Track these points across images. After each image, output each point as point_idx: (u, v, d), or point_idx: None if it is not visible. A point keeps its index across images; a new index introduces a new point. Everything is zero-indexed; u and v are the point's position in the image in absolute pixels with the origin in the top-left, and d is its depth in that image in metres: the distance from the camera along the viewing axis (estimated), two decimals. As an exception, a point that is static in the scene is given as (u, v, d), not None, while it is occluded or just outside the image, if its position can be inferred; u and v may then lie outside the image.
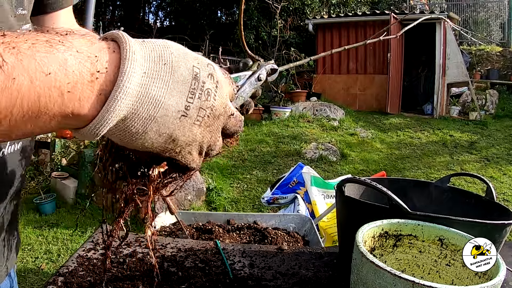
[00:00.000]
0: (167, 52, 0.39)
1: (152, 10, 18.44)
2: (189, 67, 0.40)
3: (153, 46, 0.39)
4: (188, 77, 0.39)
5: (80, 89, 0.34)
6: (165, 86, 0.38)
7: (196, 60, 0.41)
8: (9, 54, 0.31)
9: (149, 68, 0.37)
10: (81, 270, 0.91)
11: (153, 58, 0.38)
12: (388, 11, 9.17)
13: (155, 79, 0.37)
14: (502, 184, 5.19)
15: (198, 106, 0.40)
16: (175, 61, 0.39)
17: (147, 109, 0.37)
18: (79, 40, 0.36)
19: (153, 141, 0.39)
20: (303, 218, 1.54)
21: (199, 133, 0.41)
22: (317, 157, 5.90)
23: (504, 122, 8.12)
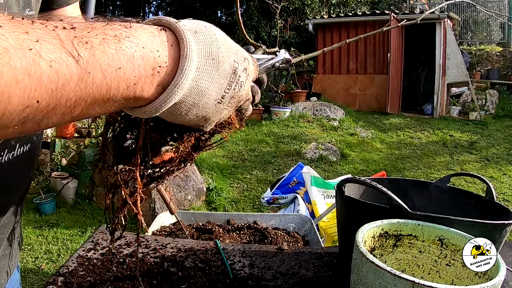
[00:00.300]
0: (215, 47, 0.44)
1: (152, 10, 18.44)
2: (231, 62, 0.45)
3: (204, 39, 0.43)
4: (229, 71, 0.45)
5: (143, 81, 0.39)
6: (211, 79, 0.44)
7: (236, 55, 0.46)
8: (83, 48, 0.34)
9: (201, 64, 0.42)
10: (81, 270, 0.91)
11: (204, 53, 0.43)
12: (388, 11, 9.17)
13: (204, 73, 0.43)
14: (502, 184, 5.19)
15: (231, 95, 0.46)
16: (221, 56, 0.44)
17: (193, 98, 0.43)
18: (142, 34, 0.39)
19: (190, 119, 0.46)
20: (303, 218, 1.54)
21: (225, 113, 0.48)
22: (317, 157, 5.90)
23: (504, 122, 8.12)
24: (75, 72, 0.33)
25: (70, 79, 0.33)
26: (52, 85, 0.32)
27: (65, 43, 0.33)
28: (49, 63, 0.31)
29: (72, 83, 0.33)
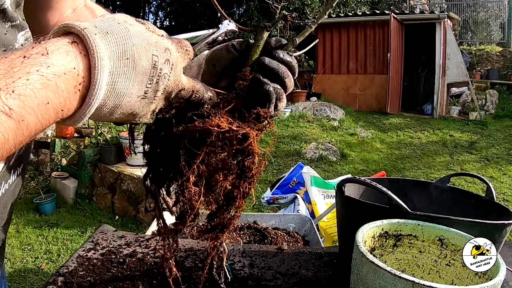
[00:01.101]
0: (129, 45, 0.43)
1: (152, 10, 18.44)
2: (149, 57, 0.44)
3: (116, 39, 0.42)
4: (148, 67, 0.44)
5: (68, 102, 0.40)
6: (128, 80, 0.43)
7: (155, 47, 0.45)
8: (12, 99, 0.34)
9: (115, 67, 0.42)
10: (81, 270, 0.91)
11: (118, 54, 0.42)
12: (388, 11, 9.17)
13: (119, 76, 0.42)
14: (502, 184, 5.19)
15: (155, 89, 0.46)
16: (137, 53, 0.43)
17: (114, 101, 0.43)
18: (59, 57, 0.39)
19: (117, 118, 0.46)
20: (303, 218, 1.54)
21: (153, 106, 0.48)
22: (317, 157, 5.90)
23: (504, 122, 8.12)
24: (11, 126, 0.34)
25: (8, 136, 0.34)
26: None
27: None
28: None
29: (10, 137, 0.35)
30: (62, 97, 0.39)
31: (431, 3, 12.64)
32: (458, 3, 12.33)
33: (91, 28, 0.41)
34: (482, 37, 12.05)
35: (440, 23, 8.76)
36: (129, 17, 0.47)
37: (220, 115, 0.51)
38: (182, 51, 0.50)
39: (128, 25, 0.44)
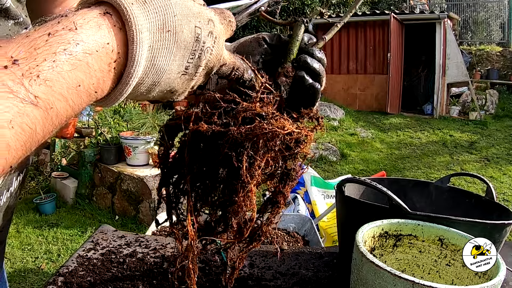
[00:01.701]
0: (169, 15, 0.39)
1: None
2: (191, 29, 0.41)
3: (155, 9, 0.38)
4: (190, 40, 0.41)
5: (102, 83, 0.36)
6: (169, 54, 0.40)
7: (198, 18, 0.41)
8: (37, 86, 0.31)
9: (155, 40, 0.38)
10: (81, 270, 0.91)
11: (158, 26, 0.38)
12: (388, 11, 9.17)
13: (160, 50, 0.39)
14: (502, 184, 5.19)
15: (197, 64, 0.43)
16: (178, 24, 0.40)
17: (152, 78, 0.40)
18: (89, 31, 0.35)
19: (154, 95, 0.43)
20: (303, 218, 1.54)
21: (194, 82, 0.45)
22: (317, 157, 5.90)
23: (504, 122, 8.12)
24: (38, 117, 0.31)
25: (35, 127, 0.31)
26: (20, 142, 0.30)
27: (15, 91, 0.29)
28: (9, 124, 0.29)
29: (38, 128, 0.31)
30: (95, 77, 0.35)
31: (431, 3, 12.63)
32: (458, 3, 12.33)
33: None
34: (482, 37, 12.04)
35: (440, 23, 8.76)
36: None
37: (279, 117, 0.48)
38: (225, 22, 0.46)
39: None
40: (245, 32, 12.00)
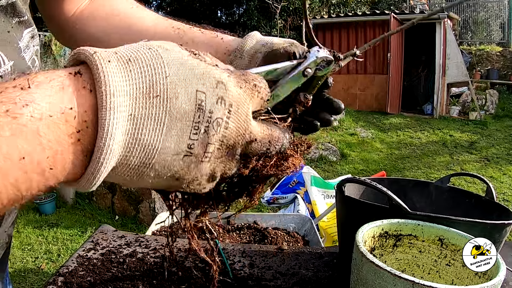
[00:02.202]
0: (159, 76, 0.30)
1: (152, 10, 18.45)
2: (191, 94, 0.31)
3: (141, 69, 0.30)
4: (189, 109, 0.31)
5: (61, 157, 0.28)
6: (159, 126, 0.30)
7: (201, 80, 0.32)
8: None
9: (137, 107, 0.29)
10: (81, 270, 0.91)
11: (142, 89, 0.30)
12: (388, 11, 9.17)
13: (145, 120, 0.30)
14: (502, 184, 5.19)
15: (205, 142, 0.33)
16: (171, 88, 0.31)
17: (139, 157, 0.31)
18: (46, 90, 0.27)
19: (153, 182, 0.33)
20: (303, 218, 1.54)
21: (207, 168, 0.35)
22: (317, 157, 5.90)
23: (504, 122, 8.12)
24: None
25: None
26: None
27: None
28: None
29: None
30: (50, 150, 0.27)
31: (431, 3, 12.63)
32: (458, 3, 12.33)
33: (105, 54, 0.30)
34: (482, 37, 12.05)
35: (440, 23, 8.76)
36: (170, 43, 0.34)
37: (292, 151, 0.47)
38: (247, 86, 0.35)
39: (162, 50, 0.32)
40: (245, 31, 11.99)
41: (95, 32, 0.65)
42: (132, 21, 0.64)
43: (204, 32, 0.60)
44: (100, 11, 0.66)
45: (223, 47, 0.57)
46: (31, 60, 0.58)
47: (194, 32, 0.60)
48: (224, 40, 0.58)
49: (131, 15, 0.64)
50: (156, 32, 0.62)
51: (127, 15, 0.64)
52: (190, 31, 0.61)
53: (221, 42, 0.58)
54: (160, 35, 0.61)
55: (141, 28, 0.63)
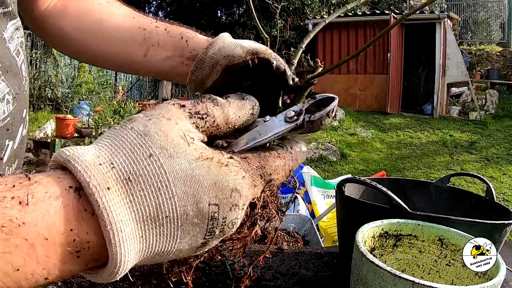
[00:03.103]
0: (165, 197, 0.29)
1: (152, 10, 18.45)
2: (202, 209, 0.31)
3: (144, 191, 0.29)
4: (201, 220, 0.31)
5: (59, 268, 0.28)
6: (172, 239, 0.31)
7: (213, 192, 0.31)
8: None
9: (146, 230, 0.29)
10: (81, 270, 0.90)
11: (148, 213, 0.29)
12: (388, 11, 9.17)
13: (156, 237, 0.30)
14: (502, 184, 5.19)
15: (218, 237, 0.34)
16: (180, 207, 0.30)
17: (153, 260, 0.32)
18: (42, 210, 0.27)
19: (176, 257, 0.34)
20: (303, 218, 1.54)
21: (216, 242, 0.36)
22: (317, 157, 5.90)
23: (504, 122, 8.12)
24: None
25: None
26: None
27: None
28: None
29: None
30: (45, 263, 0.27)
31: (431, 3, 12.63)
32: (458, 3, 12.33)
33: (101, 178, 0.28)
34: (482, 37, 12.05)
35: (440, 23, 8.77)
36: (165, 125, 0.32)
37: None
38: (262, 182, 0.35)
39: (164, 158, 0.30)
40: (245, 31, 12.01)
41: (66, 27, 0.64)
42: (103, 16, 0.62)
43: (171, 33, 0.58)
44: (72, 6, 0.65)
45: (187, 51, 0.56)
46: (16, 51, 0.57)
47: (159, 34, 0.59)
48: (189, 44, 0.56)
49: (102, 11, 0.63)
50: (124, 31, 0.60)
51: (98, 11, 0.63)
52: (156, 32, 0.59)
53: (185, 46, 0.56)
54: (126, 34, 0.60)
55: (111, 25, 0.61)
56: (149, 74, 0.63)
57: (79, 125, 5.40)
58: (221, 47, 0.53)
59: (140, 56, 0.59)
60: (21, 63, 0.58)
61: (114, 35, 0.61)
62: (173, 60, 0.57)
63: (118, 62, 0.63)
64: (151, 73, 0.62)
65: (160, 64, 0.59)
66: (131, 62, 0.61)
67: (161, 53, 0.58)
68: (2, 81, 0.52)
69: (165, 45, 0.58)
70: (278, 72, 0.52)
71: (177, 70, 0.57)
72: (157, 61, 0.58)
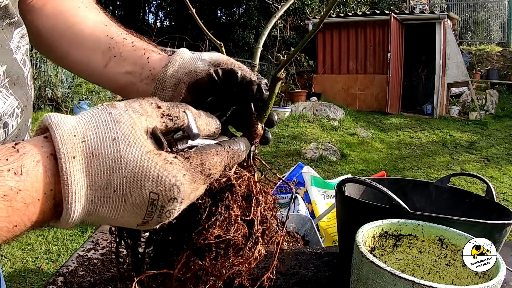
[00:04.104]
0: (117, 175, 0.36)
1: (152, 10, 18.44)
2: (144, 195, 0.37)
3: (101, 167, 0.35)
4: (142, 203, 0.37)
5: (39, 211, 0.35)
6: (116, 210, 0.37)
7: (156, 183, 0.37)
8: None
9: (96, 196, 0.36)
10: (81, 270, 0.91)
11: (100, 184, 0.35)
12: (388, 11, 9.17)
13: (103, 205, 0.36)
14: (502, 184, 5.19)
15: (157, 221, 0.39)
16: (126, 187, 0.36)
17: (101, 221, 0.38)
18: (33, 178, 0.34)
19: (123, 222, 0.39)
20: (303, 218, 1.54)
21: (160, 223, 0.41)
22: (317, 157, 5.90)
23: (504, 122, 8.12)
24: None
25: None
26: None
27: None
28: None
29: None
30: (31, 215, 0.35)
31: (431, 3, 12.64)
32: (458, 3, 12.33)
33: (71, 149, 0.35)
34: (482, 37, 12.05)
35: (440, 23, 8.76)
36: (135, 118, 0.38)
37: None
38: (202, 177, 0.40)
39: (125, 145, 0.36)
40: (245, 31, 12.00)
41: (40, 25, 0.63)
42: (76, 20, 0.61)
43: (136, 47, 0.57)
44: (49, 5, 0.64)
45: (147, 69, 0.54)
46: (22, 61, 0.57)
47: (124, 46, 0.57)
48: (149, 61, 0.54)
49: (77, 14, 0.62)
50: (93, 37, 0.59)
51: (72, 14, 0.62)
52: (121, 44, 0.57)
53: (145, 62, 0.54)
54: (93, 41, 0.59)
55: (82, 29, 0.60)
56: (109, 86, 0.60)
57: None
58: (181, 64, 0.52)
59: (101, 66, 0.58)
60: (28, 73, 0.59)
61: (82, 40, 0.59)
62: (133, 76, 0.55)
63: (81, 68, 0.61)
64: (110, 85, 0.59)
65: (119, 78, 0.56)
66: (92, 70, 0.59)
67: (121, 66, 0.56)
68: (11, 94, 0.52)
69: (127, 58, 0.56)
70: (244, 81, 0.52)
71: (138, 87, 0.55)
72: (116, 74, 0.56)
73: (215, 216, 0.45)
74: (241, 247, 0.47)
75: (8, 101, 0.52)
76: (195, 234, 0.45)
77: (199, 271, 0.46)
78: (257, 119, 0.52)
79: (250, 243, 0.47)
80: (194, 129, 0.40)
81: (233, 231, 0.46)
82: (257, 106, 0.54)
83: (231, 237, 0.46)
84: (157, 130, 0.39)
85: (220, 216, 0.45)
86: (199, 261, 0.45)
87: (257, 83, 0.52)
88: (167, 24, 17.60)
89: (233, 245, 0.47)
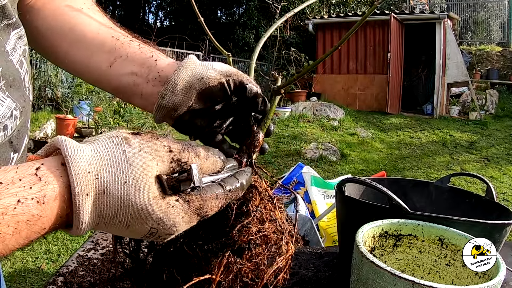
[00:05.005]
0: (123, 212, 0.39)
1: (152, 10, 18.44)
2: (146, 229, 0.41)
3: (111, 204, 0.38)
4: (143, 232, 0.41)
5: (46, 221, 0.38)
6: (118, 232, 0.42)
7: (156, 222, 0.40)
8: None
9: (102, 222, 0.39)
10: (81, 270, 0.91)
11: (107, 216, 0.39)
12: (388, 11, 9.17)
13: (107, 227, 0.40)
14: (502, 184, 5.19)
15: (156, 239, 0.43)
16: (131, 221, 0.40)
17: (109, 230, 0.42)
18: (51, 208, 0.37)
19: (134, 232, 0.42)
20: (303, 218, 1.54)
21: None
22: (317, 157, 5.90)
23: (504, 122, 8.12)
24: None
25: None
26: None
27: None
28: None
29: None
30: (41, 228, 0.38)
31: (431, 3, 12.63)
32: (458, 3, 12.33)
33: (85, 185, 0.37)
34: (482, 37, 12.05)
35: (440, 23, 8.76)
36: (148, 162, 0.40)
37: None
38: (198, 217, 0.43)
39: (134, 189, 0.39)
40: (245, 31, 12.00)
41: (40, 26, 0.63)
42: (78, 21, 0.61)
43: (142, 49, 0.57)
44: (50, 5, 0.64)
45: (155, 71, 0.55)
46: (19, 62, 0.56)
47: (131, 47, 0.58)
48: (157, 64, 0.55)
49: (79, 16, 0.62)
50: (97, 38, 0.59)
51: (74, 15, 0.62)
52: (127, 45, 0.58)
53: (153, 64, 0.55)
54: (97, 42, 0.59)
55: (84, 31, 0.60)
56: (109, 87, 0.60)
57: (79, 125, 5.40)
58: (193, 70, 0.53)
59: (105, 66, 0.58)
60: (25, 74, 0.58)
61: (84, 40, 0.60)
62: (138, 76, 0.56)
63: (80, 68, 0.61)
64: (110, 86, 0.60)
65: (123, 79, 0.57)
66: (92, 70, 0.59)
67: (127, 67, 0.57)
68: (7, 97, 0.52)
69: (133, 60, 0.57)
70: (251, 94, 0.54)
71: (142, 89, 0.56)
72: (120, 75, 0.57)
73: (253, 213, 0.48)
74: (278, 242, 0.51)
75: (5, 104, 0.52)
76: (237, 232, 0.48)
77: (239, 271, 0.48)
78: (259, 129, 0.56)
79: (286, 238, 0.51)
80: (196, 182, 0.41)
81: (266, 227, 0.50)
82: (256, 117, 0.57)
83: (269, 232, 0.50)
84: (164, 178, 0.41)
85: (256, 213, 0.49)
86: (240, 260, 0.48)
87: (262, 96, 0.55)
88: (167, 24, 17.60)
89: (271, 241, 0.50)
